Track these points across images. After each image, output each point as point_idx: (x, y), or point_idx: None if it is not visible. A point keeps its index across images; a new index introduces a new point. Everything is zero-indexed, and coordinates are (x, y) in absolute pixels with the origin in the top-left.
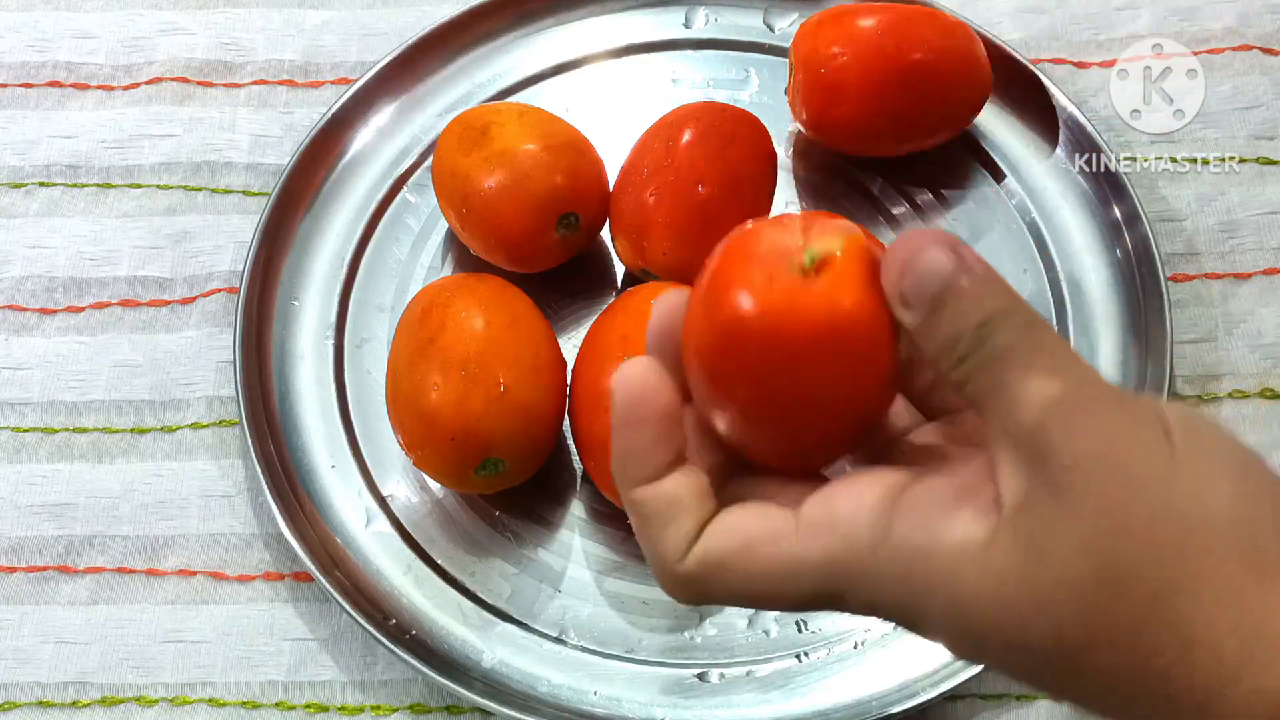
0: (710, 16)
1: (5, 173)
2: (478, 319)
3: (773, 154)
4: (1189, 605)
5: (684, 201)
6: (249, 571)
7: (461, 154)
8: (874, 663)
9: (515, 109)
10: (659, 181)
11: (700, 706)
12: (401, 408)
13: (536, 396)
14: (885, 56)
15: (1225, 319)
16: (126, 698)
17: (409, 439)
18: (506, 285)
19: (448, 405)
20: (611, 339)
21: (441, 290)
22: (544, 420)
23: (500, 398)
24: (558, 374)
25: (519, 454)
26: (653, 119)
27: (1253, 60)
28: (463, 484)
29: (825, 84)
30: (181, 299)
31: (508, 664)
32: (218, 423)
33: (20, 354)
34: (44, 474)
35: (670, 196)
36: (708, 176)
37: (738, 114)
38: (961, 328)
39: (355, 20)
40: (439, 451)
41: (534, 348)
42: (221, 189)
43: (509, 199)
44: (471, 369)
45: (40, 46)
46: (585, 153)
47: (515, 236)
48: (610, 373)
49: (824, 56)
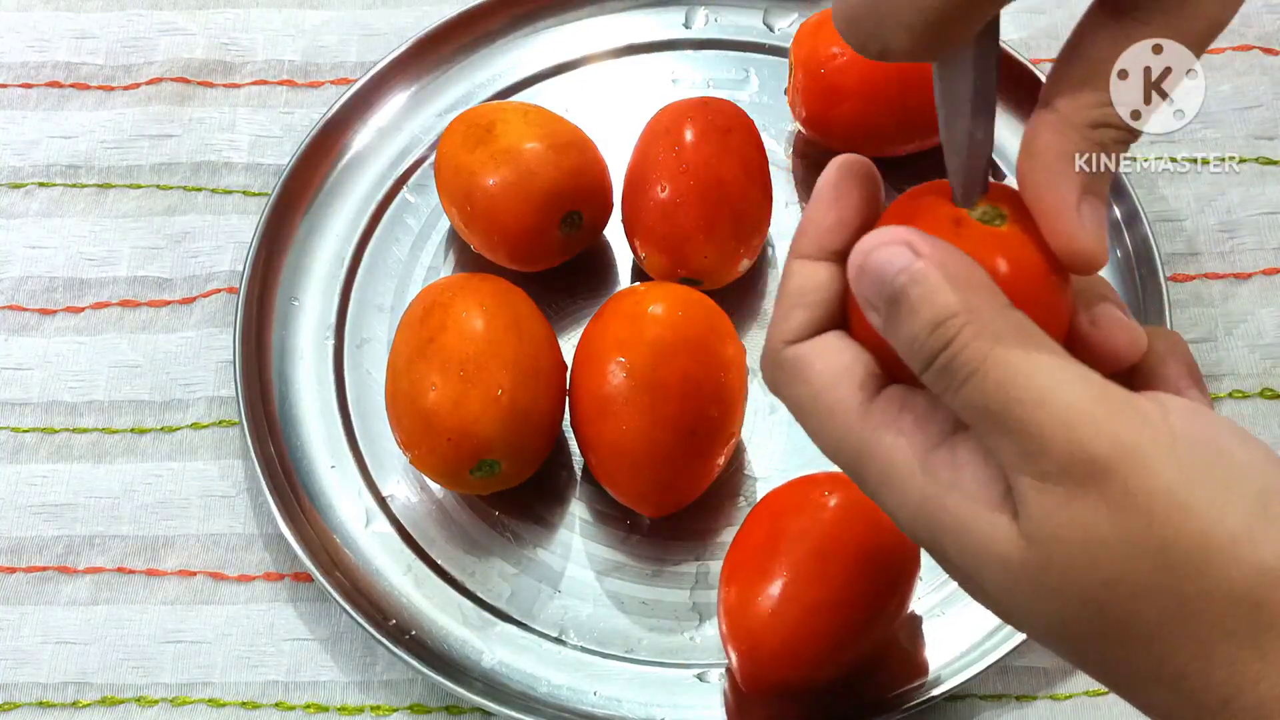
0: (710, 16)
1: (5, 173)
2: (478, 320)
3: (754, 129)
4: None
5: (711, 202)
6: (249, 572)
7: (465, 151)
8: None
9: (519, 107)
10: (678, 188)
11: (700, 706)
12: (400, 407)
13: (535, 399)
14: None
15: (1225, 319)
16: (126, 698)
17: (406, 438)
18: (509, 286)
19: (445, 405)
20: (608, 342)
21: (443, 290)
22: (542, 423)
23: (498, 399)
24: (557, 377)
25: (516, 456)
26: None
27: (1253, 60)
28: (459, 484)
29: (825, 84)
30: (181, 299)
31: (507, 664)
32: (218, 423)
33: (20, 354)
34: (44, 474)
35: (697, 201)
36: (723, 171)
37: (717, 103)
38: (915, 329)
39: (355, 20)
40: (436, 451)
41: (534, 350)
42: (221, 189)
43: (512, 196)
44: (470, 370)
45: (40, 46)
46: (589, 152)
47: (518, 234)
48: (609, 374)
49: (824, 57)
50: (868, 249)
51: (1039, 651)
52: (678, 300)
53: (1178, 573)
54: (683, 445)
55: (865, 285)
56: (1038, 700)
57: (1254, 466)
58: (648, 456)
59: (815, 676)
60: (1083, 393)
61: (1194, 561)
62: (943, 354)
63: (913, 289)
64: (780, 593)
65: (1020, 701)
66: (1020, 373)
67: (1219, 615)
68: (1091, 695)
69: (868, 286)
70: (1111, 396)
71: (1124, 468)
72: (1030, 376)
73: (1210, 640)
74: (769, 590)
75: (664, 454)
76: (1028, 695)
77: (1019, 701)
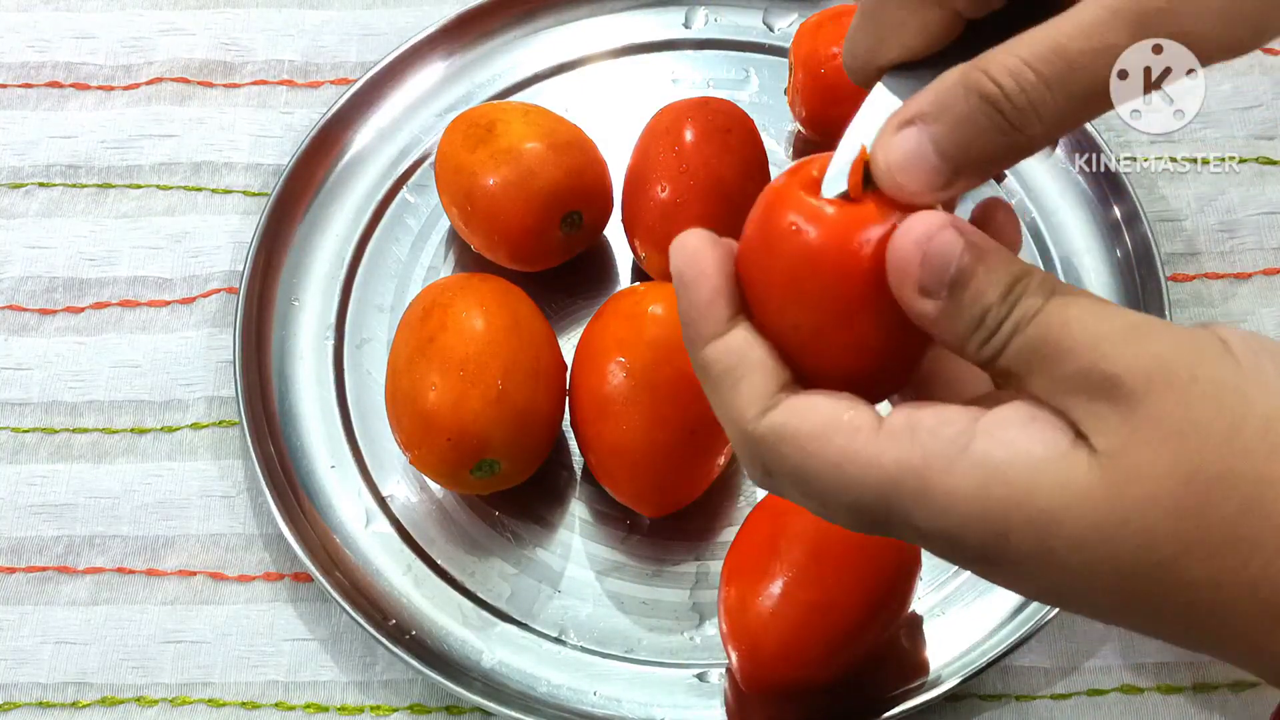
0: (710, 16)
1: (5, 173)
2: (478, 320)
3: (754, 129)
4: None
5: (711, 202)
6: (249, 572)
7: (466, 151)
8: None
9: (520, 107)
10: (680, 188)
11: (700, 706)
12: (400, 406)
13: (535, 399)
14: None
15: (1225, 319)
16: (126, 698)
17: (406, 438)
18: (509, 286)
19: (445, 405)
20: (608, 342)
21: (444, 290)
22: (541, 423)
23: (498, 399)
24: (557, 377)
25: (515, 456)
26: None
27: (1253, 60)
28: (459, 484)
29: (824, 83)
30: (181, 299)
31: (507, 664)
32: (218, 423)
33: (20, 354)
34: (44, 474)
35: (698, 201)
36: (724, 171)
37: (717, 102)
38: (989, 300)
39: (355, 20)
40: (435, 451)
41: (534, 350)
42: (221, 189)
43: (513, 196)
44: (470, 370)
45: (40, 46)
46: (589, 152)
47: (518, 234)
48: (609, 374)
49: (823, 56)
50: (921, 238)
51: (1039, 651)
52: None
53: (1252, 457)
54: (683, 445)
55: (928, 275)
56: (1038, 700)
57: None
58: (647, 456)
59: (815, 676)
60: (1134, 315)
61: (1267, 443)
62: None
63: (978, 265)
64: (780, 593)
65: (1020, 701)
66: (1075, 306)
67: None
68: (1091, 695)
69: (930, 275)
70: (1155, 319)
71: (1188, 360)
72: (1085, 309)
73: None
74: (769, 590)
75: (664, 454)
76: (1027, 695)
77: (1019, 701)
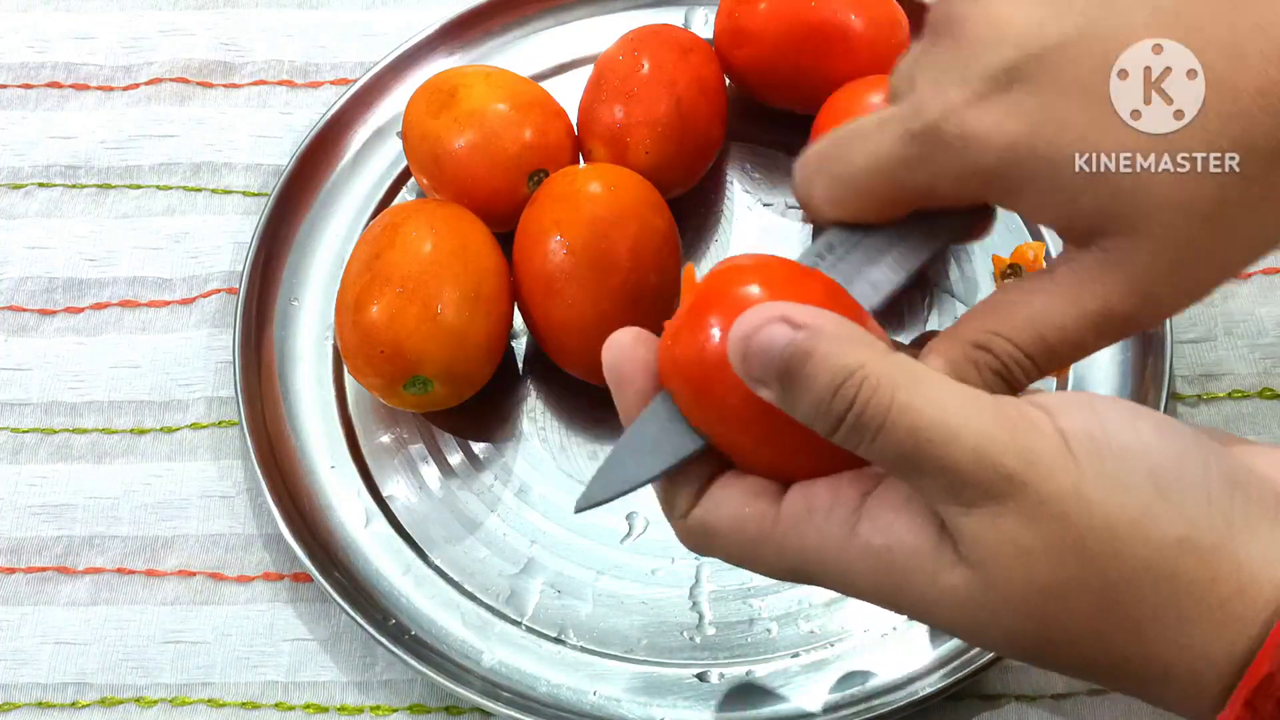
0: (710, 16)
1: (5, 173)
2: (427, 241)
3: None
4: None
5: (659, 102)
6: (248, 572)
7: (430, 116)
8: (874, 662)
9: (482, 70)
10: (630, 87)
11: (700, 706)
12: (343, 315)
13: (472, 322)
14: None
15: (1225, 319)
16: (126, 698)
17: (345, 347)
18: (466, 215)
19: (381, 319)
20: (545, 223)
21: (402, 210)
22: (478, 346)
23: (433, 319)
24: (500, 304)
25: (448, 376)
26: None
27: None
28: (395, 398)
29: (736, 25)
30: (181, 299)
31: (507, 664)
32: (217, 423)
33: (20, 354)
34: (43, 475)
35: (646, 99)
36: (677, 79)
37: (682, 29)
38: (817, 394)
39: (355, 20)
40: (370, 362)
41: (477, 275)
42: (221, 189)
43: (479, 158)
44: (410, 287)
45: (40, 47)
46: (554, 111)
47: (487, 195)
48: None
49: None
50: (746, 333)
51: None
52: (608, 177)
53: (1097, 565)
54: (627, 314)
55: (754, 368)
56: (1038, 700)
57: (1140, 448)
58: (595, 327)
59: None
60: (982, 417)
61: (1107, 551)
62: (849, 414)
63: (803, 361)
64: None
65: (1020, 701)
66: (924, 415)
67: (1142, 595)
68: (1091, 695)
69: (757, 368)
70: (1005, 413)
71: (1033, 478)
72: (934, 416)
73: (1140, 620)
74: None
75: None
76: (1027, 695)
77: (1019, 701)
